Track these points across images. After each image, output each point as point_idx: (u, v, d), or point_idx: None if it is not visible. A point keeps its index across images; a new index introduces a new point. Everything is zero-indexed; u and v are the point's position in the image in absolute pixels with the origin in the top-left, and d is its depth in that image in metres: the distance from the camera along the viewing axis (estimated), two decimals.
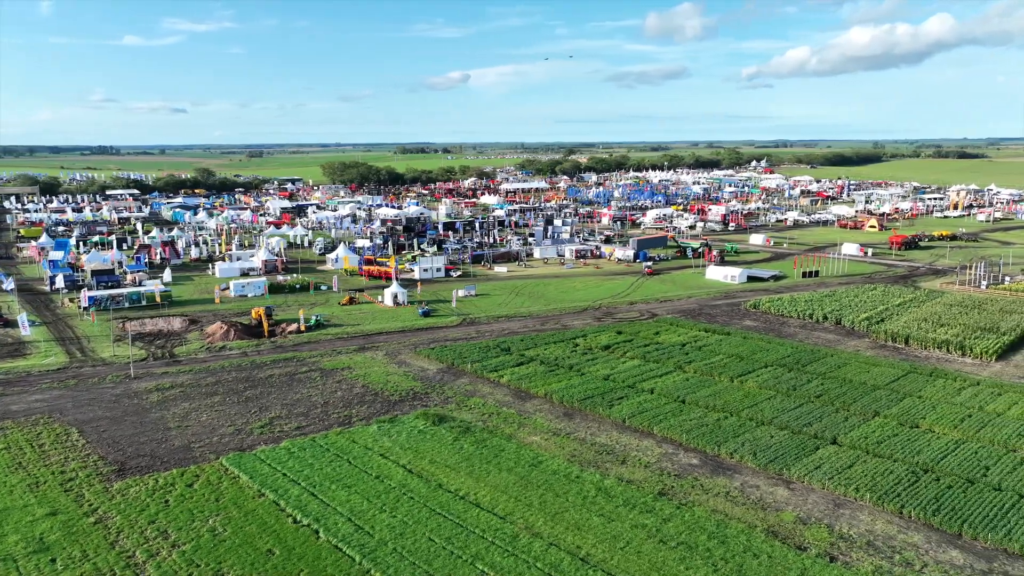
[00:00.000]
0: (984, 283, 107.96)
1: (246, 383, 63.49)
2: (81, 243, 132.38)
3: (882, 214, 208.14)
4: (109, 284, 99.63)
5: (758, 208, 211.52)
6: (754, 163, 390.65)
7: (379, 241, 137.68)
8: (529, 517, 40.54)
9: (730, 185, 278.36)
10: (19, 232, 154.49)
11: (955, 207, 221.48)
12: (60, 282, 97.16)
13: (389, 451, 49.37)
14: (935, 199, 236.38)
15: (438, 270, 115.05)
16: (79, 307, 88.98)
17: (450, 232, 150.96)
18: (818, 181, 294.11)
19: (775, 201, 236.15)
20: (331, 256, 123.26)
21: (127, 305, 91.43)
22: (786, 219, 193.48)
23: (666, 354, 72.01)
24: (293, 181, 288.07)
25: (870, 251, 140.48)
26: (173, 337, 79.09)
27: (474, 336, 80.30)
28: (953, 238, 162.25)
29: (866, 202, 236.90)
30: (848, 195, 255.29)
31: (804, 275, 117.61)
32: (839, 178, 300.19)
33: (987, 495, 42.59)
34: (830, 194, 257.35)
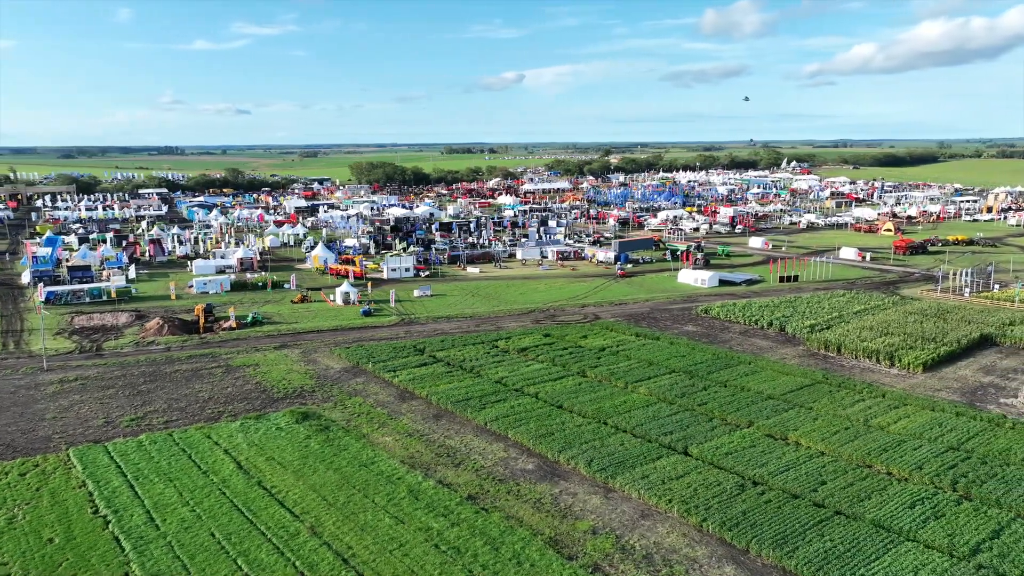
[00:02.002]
0: (967, 291, 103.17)
1: (148, 377, 65.59)
2: (80, 240, 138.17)
3: (907, 217, 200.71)
4: (83, 279, 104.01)
5: (774, 210, 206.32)
6: (793, 163, 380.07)
7: (365, 240, 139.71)
8: (323, 516, 40.94)
9: (758, 186, 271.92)
10: (35, 229, 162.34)
11: (988, 210, 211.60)
12: (27, 276, 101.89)
13: (236, 447, 50.42)
14: (970, 201, 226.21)
15: (407, 270, 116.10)
16: (40, 301, 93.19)
17: (437, 233, 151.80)
18: (853, 183, 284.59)
19: (796, 203, 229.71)
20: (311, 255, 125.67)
21: (88, 300, 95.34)
22: (799, 222, 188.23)
23: (578, 358, 71.24)
24: (321, 181, 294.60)
25: (868, 256, 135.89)
26: (113, 331, 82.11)
27: (402, 336, 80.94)
28: (970, 243, 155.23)
29: (895, 204, 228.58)
30: (880, 197, 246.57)
31: (782, 280, 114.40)
32: (874, 179, 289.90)
33: (801, 511, 40.98)
34: (860, 196, 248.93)
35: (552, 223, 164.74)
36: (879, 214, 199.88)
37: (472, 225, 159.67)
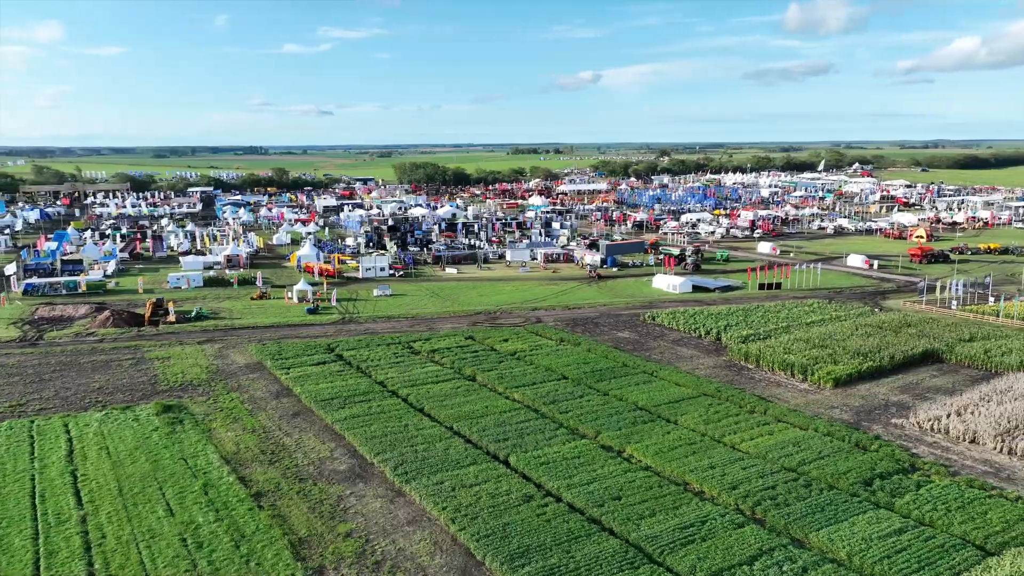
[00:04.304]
0: (955, 303, 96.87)
1: (60, 367, 68.99)
2: (102, 235, 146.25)
3: (951, 223, 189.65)
4: (74, 272, 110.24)
5: (803, 214, 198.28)
6: (856, 165, 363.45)
7: (361, 240, 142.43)
8: (104, 506, 42.27)
9: (805, 189, 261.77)
10: (70, 225, 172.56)
11: None
12: (10, 268, 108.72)
13: (81, 436, 52.54)
14: None
15: (382, 269, 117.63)
16: (19, 292, 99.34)
17: (436, 234, 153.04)
18: (911, 186, 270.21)
19: (836, 206, 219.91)
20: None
21: (64, 292, 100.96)
22: (826, 227, 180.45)
23: (480, 361, 70.76)
24: (365, 181, 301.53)
25: (876, 263, 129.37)
26: (68, 322, 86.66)
27: (331, 334, 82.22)
28: (1005, 251, 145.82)
29: (946, 209, 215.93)
30: (932, 202, 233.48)
31: (761, 287, 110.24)
32: (932, 183, 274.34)
33: (567, 525, 39.61)
34: (912, 200, 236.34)
35: (556, 224, 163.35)
36: (919, 219, 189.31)
37: (476, 226, 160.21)
